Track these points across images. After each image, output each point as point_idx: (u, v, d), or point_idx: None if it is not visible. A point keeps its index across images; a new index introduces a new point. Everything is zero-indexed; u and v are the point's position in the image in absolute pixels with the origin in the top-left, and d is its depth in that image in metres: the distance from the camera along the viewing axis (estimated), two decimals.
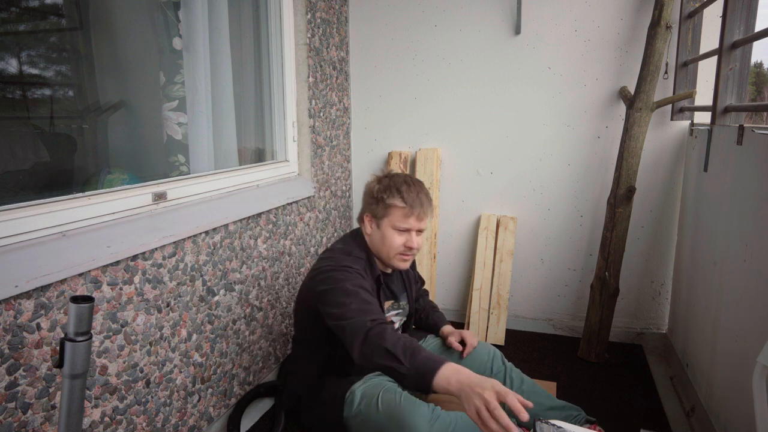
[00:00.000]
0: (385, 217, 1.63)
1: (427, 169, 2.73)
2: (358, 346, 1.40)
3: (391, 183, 1.64)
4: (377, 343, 1.37)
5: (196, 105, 1.79)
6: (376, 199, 1.65)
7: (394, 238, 1.63)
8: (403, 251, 1.65)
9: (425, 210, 1.63)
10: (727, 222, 1.66)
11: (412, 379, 1.33)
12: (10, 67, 1.90)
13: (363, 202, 1.73)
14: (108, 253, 1.29)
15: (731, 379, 1.54)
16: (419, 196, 1.62)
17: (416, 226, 1.63)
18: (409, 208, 1.60)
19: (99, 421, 1.31)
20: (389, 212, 1.62)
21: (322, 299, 1.55)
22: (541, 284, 2.71)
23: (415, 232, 1.64)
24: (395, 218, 1.62)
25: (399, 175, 1.69)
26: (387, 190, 1.63)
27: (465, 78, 2.66)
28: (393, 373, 1.37)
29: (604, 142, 2.51)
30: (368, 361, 1.39)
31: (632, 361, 2.40)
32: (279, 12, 2.22)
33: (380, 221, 1.65)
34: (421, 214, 1.62)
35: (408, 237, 1.63)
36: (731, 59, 1.73)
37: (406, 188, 1.62)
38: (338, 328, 1.47)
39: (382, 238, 1.65)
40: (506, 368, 1.73)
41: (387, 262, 1.68)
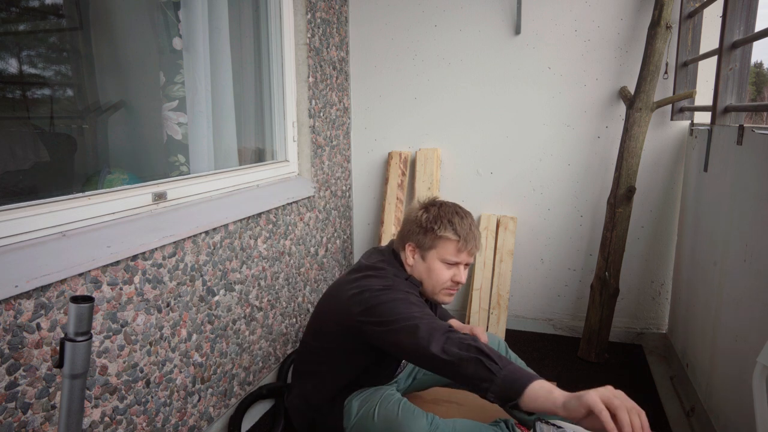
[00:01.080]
0: (433, 249, 1.52)
1: (427, 169, 2.73)
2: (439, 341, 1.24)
3: (442, 213, 1.54)
4: (466, 341, 1.23)
5: (196, 105, 1.79)
6: (425, 228, 1.53)
7: (442, 272, 1.52)
8: (450, 286, 1.55)
9: (478, 244, 1.54)
10: (727, 222, 1.66)
11: (502, 381, 1.15)
12: (10, 67, 1.90)
13: (405, 229, 1.60)
14: (108, 253, 1.29)
15: (731, 379, 1.54)
16: (471, 228, 1.53)
17: (466, 260, 1.54)
18: (463, 242, 1.50)
19: (99, 421, 1.31)
20: (439, 244, 1.51)
21: (372, 312, 1.39)
22: (541, 284, 2.71)
23: (462, 265, 1.55)
24: (446, 251, 1.51)
25: (449, 204, 1.59)
26: (438, 221, 1.52)
27: (465, 78, 2.66)
28: (482, 372, 1.17)
29: (604, 142, 2.51)
30: (449, 353, 1.21)
31: (632, 361, 2.40)
32: (279, 12, 2.22)
33: (426, 253, 1.53)
34: (473, 248, 1.53)
35: (456, 271, 1.53)
36: (731, 59, 1.73)
37: (459, 220, 1.52)
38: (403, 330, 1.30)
39: (429, 271, 1.54)
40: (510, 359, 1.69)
41: (431, 295, 1.58)
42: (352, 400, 1.55)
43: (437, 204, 1.59)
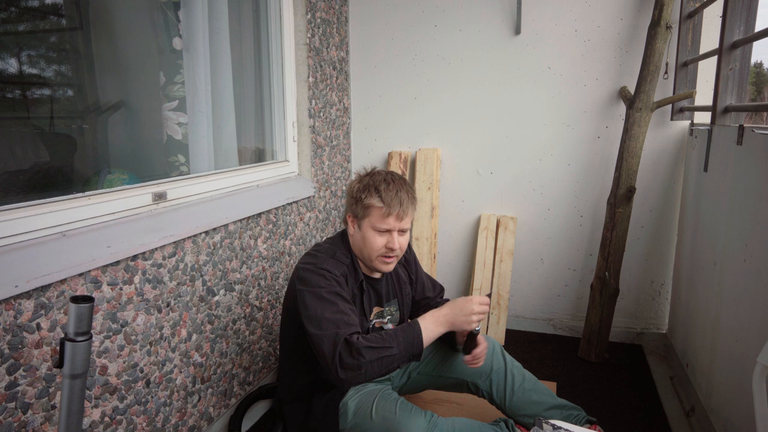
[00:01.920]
0: (365, 217, 1.54)
1: (427, 169, 2.73)
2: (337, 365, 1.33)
3: (371, 182, 1.55)
4: (351, 350, 1.33)
5: (196, 105, 1.79)
6: (356, 198, 1.56)
7: (374, 239, 1.53)
8: (384, 253, 1.55)
9: (405, 209, 1.53)
10: (727, 222, 1.66)
11: (404, 354, 1.36)
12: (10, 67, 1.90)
13: (345, 202, 1.65)
14: (108, 253, 1.29)
15: (731, 379, 1.54)
16: (399, 194, 1.52)
17: (396, 227, 1.53)
18: (387, 207, 1.50)
19: (99, 421, 1.31)
20: (368, 213, 1.53)
21: (300, 299, 1.48)
22: (541, 284, 2.71)
23: (396, 232, 1.54)
24: (374, 219, 1.52)
25: (380, 172, 1.59)
26: (366, 190, 1.54)
27: (465, 78, 2.66)
28: (387, 361, 1.35)
29: (604, 142, 2.51)
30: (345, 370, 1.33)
31: (632, 361, 2.40)
32: (279, 12, 2.22)
33: (361, 222, 1.55)
34: (400, 213, 1.52)
35: (389, 238, 1.53)
36: (731, 59, 1.73)
37: (385, 187, 1.52)
38: (311, 336, 1.41)
39: (363, 239, 1.55)
40: (506, 364, 1.69)
41: (369, 264, 1.59)
42: (348, 401, 1.54)
43: (370, 173, 1.60)
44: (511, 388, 1.64)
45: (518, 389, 1.64)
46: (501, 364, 1.69)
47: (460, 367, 1.71)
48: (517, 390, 1.64)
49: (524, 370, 1.71)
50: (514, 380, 1.66)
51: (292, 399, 1.64)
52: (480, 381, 1.68)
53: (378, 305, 1.68)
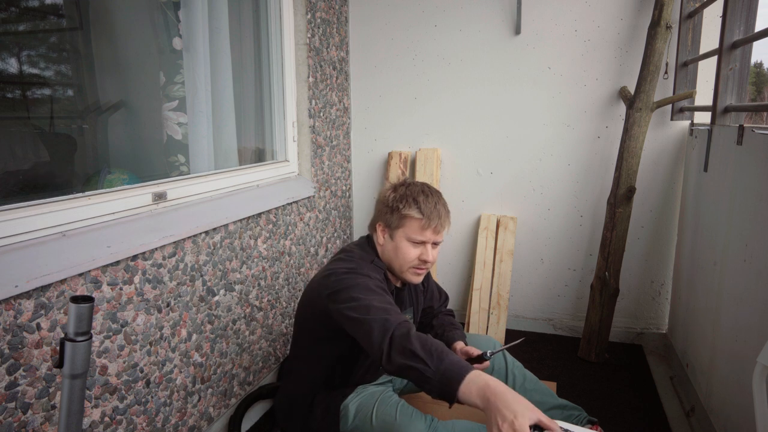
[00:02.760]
0: (399, 227, 1.53)
1: (427, 169, 2.73)
2: (383, 344, 1.26)
3: (408, 192, 1.54)
4: (404, 345, 1.23)
5: (196, 105, 1.79)
6: (391, 208, 1.54)
7: (408, 250, 1.52)
8: (417, 264, 1.54)
9: (443, 222, 1.53)
10: (727, 222, 1.66)
11: (437, 384, 1.17)
12: (10, 67, 1.90)
13: (376, 210, 1.63)
14: (108, 253, 1.29)
15: (731, 379, 1.54)
16: (437, 207, 1.52)
17: (432, 239, 1.53)
18: (426, 219, 1.50)
19: (99, 421, 1.31)
20: (404, 223, 1.52)
21: (336, 298, 1.41)
22: (541, 284, 2.71)
23: (430, 244, 1.54)
24: (411, 230, 1.51)
25: (416, 183, 1.59)
26: (403, 200, 1.53)
27: (465, 78, 2.66)
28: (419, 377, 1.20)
29: (604, 142, 2.51)
30: (392, 362, 1.25)
31: (632, 361, 2.40)
32: (279, 12, 2.22)
33: (394, 232, 1.54)
34: (438, 226, 1.52)
35: (423, 250, 1.53)
36: (731, 59, 1.73)
37: (424, 198, 1.52)
38: (357, 323, 1.33)
39: (396, 249, 1.54)
40: (507, 364, 1.69)
41: (399, 274, 1.58)
42: (349, 404, 1.53)
43: (405, 183, 1.59)
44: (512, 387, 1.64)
45: (519, 389, 1.64)
46: (502, 364, 1.69)
47: None
48: (518, 390, 1.64)
49: (525, 369, 1.71)
50: (515, 380, 1.66)
51: (295, 400, 1.64)
52: None
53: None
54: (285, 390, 1.69)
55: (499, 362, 1.69)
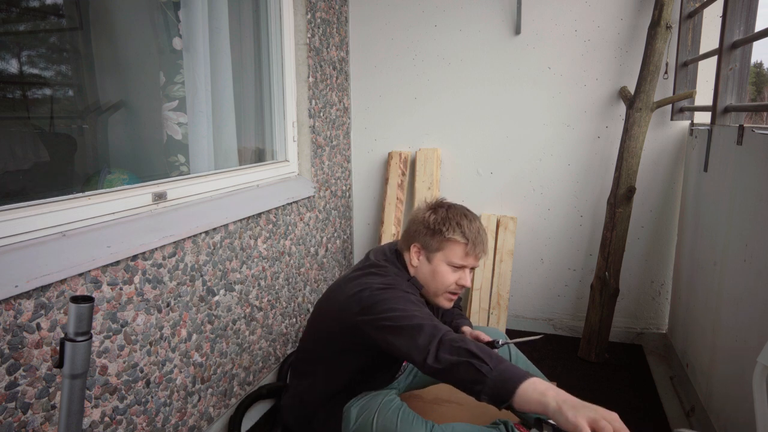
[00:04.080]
0: (440, 251, 1.49)
1: (427, 169, 2.73)
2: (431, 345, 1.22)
3: (450, 215, 1.51)
4: (457, 344, 1.20)
5: (196, 105, 1.79)
6: (433, 230, 1.50)
7: (447, 275, 1.49)
8: (453, 290, 1.52)
9: (486, 248, 1.51)
10: (727, 222, 1.66)
11: (493, 382, 1.13)
12: (10, 67, 1.90)
13: (411, 229, 1.57)
14: (108, 253, 1.29)
15: (731, 379, 1.54)
16: (480, 233, 1.50)
17: (473, 264, 1.51)
18: (472, 246, 1.47)
19: (99, 421, 1.31)
20: (446, 246, 1.48)
21: (371, 310, 1.36)
22: (541, 284, 2.71)
23: (468, 269, 1.52)
24: (453, 254, 1.48)
25: (457, 206, 1.55)
26: (446, 223, 1.49)
27: (465, 78, 2.66)
28: (473, 374, 1.16)
29: (604, 142, 2.51)
30: (439, 359, 1.21)
31: (632, 361, 2.40)
32: (279, 12, 2.22)
33: (433, 255, 1.50)
34: (480, 253, 1.50)
35: (462, 275, 1.51)
36: (731, 59, 1.73)
37: (468, 223, 1.49)
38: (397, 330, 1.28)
39: (433, 273, 1.50)
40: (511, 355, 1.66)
41: (432, 298, 1.55)
42: (351, 407, 1.53)
43: (445, 206, 1.56)
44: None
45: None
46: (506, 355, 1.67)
47: None
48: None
49: (529, 362, 1.69)
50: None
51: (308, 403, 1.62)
52: None
53: None
54: (298, 391, 1.66)
55: (503, 353, 1.65)
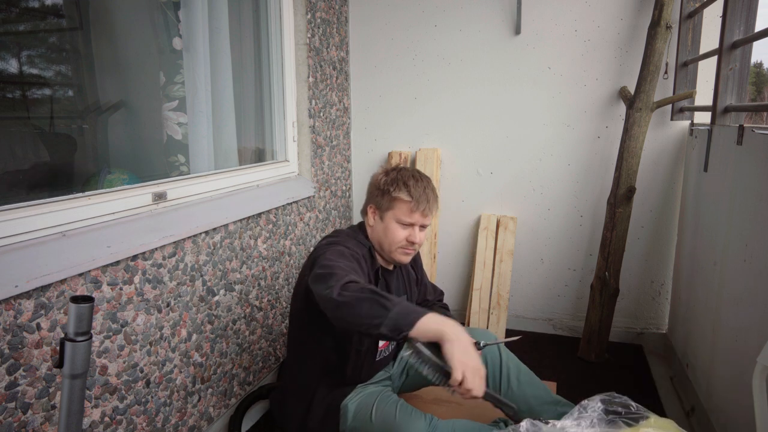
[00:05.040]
0: (389, 209, 1.59)
1: (427, 169, 2.73)
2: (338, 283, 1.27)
3: (399, 176, 1.61)
4: (362, 286, 1.28)
5: (196, 105, 1.79)
6: (382, 191, 1.61)
7: (397, 231, 1.59)
8: (404, 245, 1.61)
9: (431, 206, 1.60)
10: (727, 222, 1.66)
11: (395, 314, 1.21)
12: (10, 67, 1.90)
13: (368, 193, 1.69)
14: (108, 253, 1.29)
15: (731, 379, 1.54)
16: (426, 191, 1.59)
17: (420, 222, 1.60)
18: (415, 202, 1.57)
19: (99, 421, 1.31)
20: (394, 205, 1.59)
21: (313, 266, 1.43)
22: (541, 284, 2.71)
23: (418, 227, 1.60)
24: (400, 212, 1.58)
25: (407, 169, 1.66)
26: (394, 183, 1.60)
27: (465, 78, 2.66)
28: (376, 309, 1.22)
29: (604, 142, 2.51)
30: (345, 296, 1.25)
31: (632, 361, 2.40)
32: (279, 12, 2.22)
33: (384, 213, 1.61)
34: (426, 209, 1.59)
35: (411, 231, 1.60)
36: (731, 59, 1.73)
37: (414, 182, 1.59)
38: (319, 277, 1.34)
39: (385, 230, 1.61)
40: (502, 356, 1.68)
41: (387, 255, 1.64)
42: (348, 403, 1.53)
43: (397, 168, 1.66)
44: (506, 381, 1.63)
45: (513, 382, 1.63)
46: (497, 356, 1.68)
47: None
48: (512, 382, 1.63)
49: (520, 363, 1.69)
50: (509, 372, 1.65)
51: (293, 398, 1.64)
52: None
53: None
54: (283, 387, 1.69)
55: (493, 354, 1.67)
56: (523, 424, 1.20)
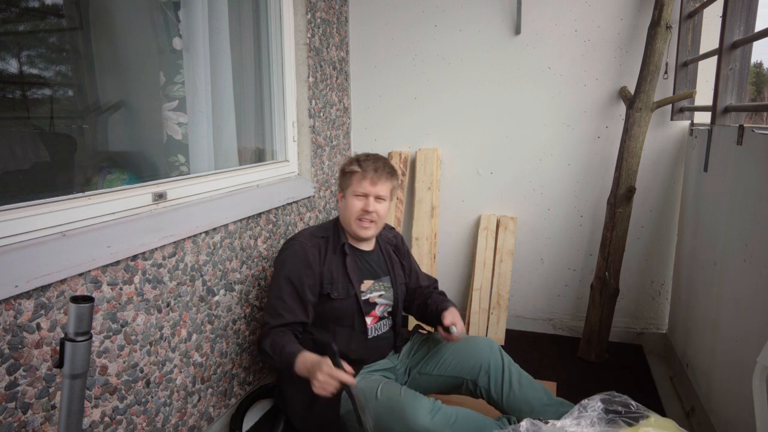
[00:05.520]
0: (348, 187, 1.75)
1: (427, 169, 2.73)
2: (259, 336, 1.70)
3: (354, 157, 1.80)
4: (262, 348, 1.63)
5: (196, 105, 1.79)
6: (342, 171, 1.79)
7: (353, 203, 1.73)
8: (360, 215, 1.72)
9: (379, 174, 1.72)
10: (727, 222, 1.66)
11: (284, 369, 1.59)
12: (10, 67, 1.90)
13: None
14: (108, 253, 1.29)
15: (731, 379, 1.54)
16: (375, 163, 1.74)
17: (372, 191, 1.71)
18: (362, 171, 1.71)
19: (99, 421, 1.31)
20: (349, 181, 1.74)
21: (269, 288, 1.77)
22: (541, 284, 2.71)
23: (373, 198, 1.72)
24: (354, 184, 1.73)
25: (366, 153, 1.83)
26: (349, 162, 1.78)
27: (465, 78, 2.66)
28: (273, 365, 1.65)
29: (604, 142, 2.51)
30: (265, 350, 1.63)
31: (632, 361, 2.40)
32: (279, 12, 2.22)
33: (345, 192, 1.76)
34: (374, 178, 1.71)
35: (366, 202, 1.72)
36: (731, 59, 1.73)
37: (365, 158, 1.76)
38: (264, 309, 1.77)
39: (346, 206, 1.75)
40: (504, 362, 1.72)
41: (349, 229, 1.77)
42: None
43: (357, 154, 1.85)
44: (509, 384, 1.68)
45: (515, 385, 1.67)
46: (498, 361, 1.73)
47: (458, 366, 1.75)
48: (514, 385, 1.67)
49: (521, 369, 1.74)
50: (511, 376, 1.69)
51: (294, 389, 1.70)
52: (479, 377, 1.71)
53: (370, 278, 1.81)
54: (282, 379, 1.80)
55: (495, 359, 1.72)
56: (523, 424, 1.21)
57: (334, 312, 1.72)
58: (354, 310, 1.74)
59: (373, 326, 1.79)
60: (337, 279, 1.72)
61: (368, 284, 1.80)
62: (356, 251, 1.80)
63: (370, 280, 1.81)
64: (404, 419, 1.44)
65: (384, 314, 1.84)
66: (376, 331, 1.81)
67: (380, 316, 1.82)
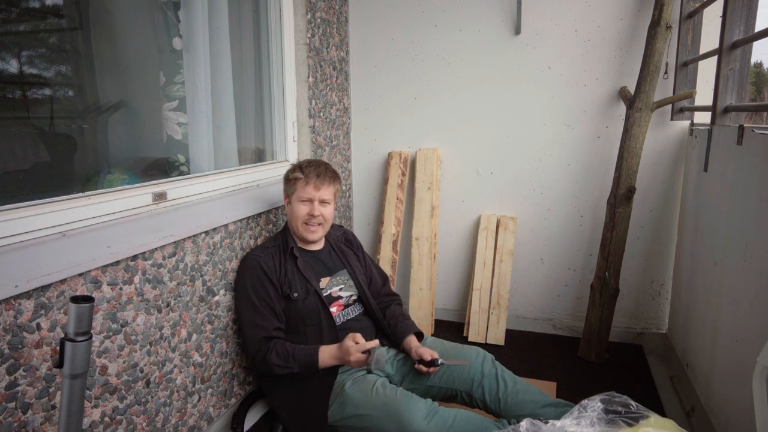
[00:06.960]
0: (293, 193, 1.79)
1: (427, 169, 2.73)
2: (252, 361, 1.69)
3: (297, 164, 1.83)
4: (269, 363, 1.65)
5: (196, 105, 1.79)
6: (286, 179, 1.83)
7: (299, 208, 1.77)
8: (306, 219, 1.77)
9: (322, 179, 1.77)
10: (727, 222, 1.66)
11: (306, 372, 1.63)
12: (10, 67, 1.90)
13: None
14: (108, 253, 1.29)
15: (731, 379, 1.54)
16: (317, 168, 1.78)
17: (316, 196, 1.76)
18: (306, 177, 1.76)
19: (99, 421, 1.31)
20: (294, 187, 1.78)
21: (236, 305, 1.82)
22: (541, 284, 2.71)
23: (318, 202, 1.77)
24: (298, 191, 1.77)
25: (308, 159, 1.90)
26: (291, 170, 1.82)
27: (465, 78, 2.66)
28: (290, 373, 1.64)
29: (604, 142, 2.51)
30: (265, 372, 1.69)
31: (632, 361, 2.40)
32: (279, 12, 2.22)
33: (291, 198, 1.81)
34: (318, 183, 1.76)
35: (311, 206, 1.77)
36: (731, 59, 1.73)
37: (307, 164, 1.80)
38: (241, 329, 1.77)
39: (292, 211, 1.80)
40: (497, 370, 1.71)
41: (297, 233, 1.81)
42: (345, 382, 1.65)
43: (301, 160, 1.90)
44: (504, 391, 1.66)
45: (511, 391, 1.66)
46: (492, 369, 1.71)
47: (451, 377, 1.72)
48: (510, 392, 1.65)
49: (515, 375, 1.72)
50: (506, 383, 1.67)
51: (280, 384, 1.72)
52: (473, 389, 1.68)
53: (325, 275, 1.84)
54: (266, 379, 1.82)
55: (488, 369, 1.70)
56: (523, 424, 1.21)
57: (298, 312, 1.74)
58: (318, 305, 1.75)
59: (340, 313, 1.82)
60: (293, 281, 1.74)
61: (325, 281, 1.83)
62: (305, 252, 1.84)
63: (326, 277, 1.84)
64: (400, 422, 1.44)
65: (349, 302, 1.86)
66: (344, 317, 1.83)
67: (345, 304, 1.85)
